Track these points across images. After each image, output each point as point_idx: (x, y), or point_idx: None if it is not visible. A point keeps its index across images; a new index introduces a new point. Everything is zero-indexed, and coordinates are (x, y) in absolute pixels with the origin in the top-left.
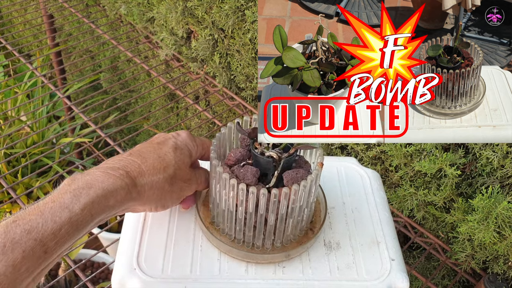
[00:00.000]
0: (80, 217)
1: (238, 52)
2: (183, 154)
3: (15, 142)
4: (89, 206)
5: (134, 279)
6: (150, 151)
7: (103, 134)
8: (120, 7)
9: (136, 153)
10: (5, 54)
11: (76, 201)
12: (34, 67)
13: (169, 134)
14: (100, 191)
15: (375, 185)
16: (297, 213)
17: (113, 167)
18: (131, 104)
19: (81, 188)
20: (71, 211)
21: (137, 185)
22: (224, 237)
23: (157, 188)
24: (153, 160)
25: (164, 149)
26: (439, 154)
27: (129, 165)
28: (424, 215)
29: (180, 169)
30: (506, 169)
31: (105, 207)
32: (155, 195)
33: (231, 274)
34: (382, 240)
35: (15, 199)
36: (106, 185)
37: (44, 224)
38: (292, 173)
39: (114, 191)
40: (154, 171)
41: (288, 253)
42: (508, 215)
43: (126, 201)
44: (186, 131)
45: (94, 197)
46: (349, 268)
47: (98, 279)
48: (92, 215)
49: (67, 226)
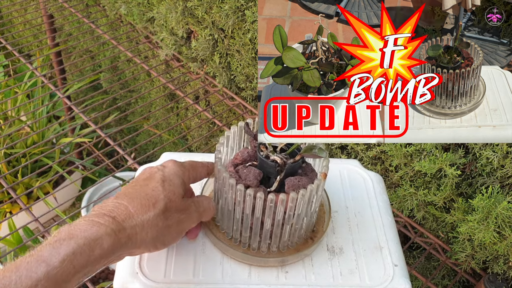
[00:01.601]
0: (59, 270)
1: (238, 52)
2: (173, 184)
3: (15, 142)
4: (70, 258)
5: (136, 283)
6: (136, 190)
7: (103, 134)
8: (120, 7)
9: (122, 195)
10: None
11: (55, 254)
12: (34, 67)
13: (155, 167)
14: (82, 241)
15: (378, 189)
16: (294, 221)
17: (98, 214)
18: (131, 104)
19: (61, 239)
20: (49, 264)
21: (126, 228)
22: (223, 235)
23: (150, 226)
24: (141, 199)
25: (151, 185)
26: (439, 154)
27: (115, 209)
28: (424, 215)
29: (172, 201)
30: (506, 169)
31: (89, 257)
32: (150, 235)
33: (233, 279)
34: (385, 245)
35: (15, 199)
36: (88, 233)
37: (18, 281)
38: (295, 180)
39: (98, 239)
40: (143, 210)
41: (283, 258)
42: (508, 215)
43: (116, 249)
44: (172, 160)
45: (75, 247)
46: (352, 273)
47: (98, 279)
48: (75, 267)
49: (43, 281)
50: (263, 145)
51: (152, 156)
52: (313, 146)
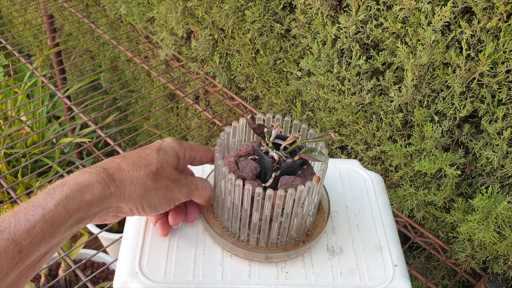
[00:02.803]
0: (54, 213)
1: (238, 52)
2: (167, 154)
3: (15, 142)
4: (64, 202)
5: (136, 284)
6: (132, 153)
7: (103, 134)
8: (120, 7)
9: (117, 156)
10: (5, 54)
11: (50, 198)
12: (34, 67)
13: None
14: (74, 186)
15: (378, 189)
16: (283, 219)
17: (91, 167)
18: (131, 104)
19: (55, 186)
20: (45, 208)
21: (115, 179)
22: (216, 222)
23: (138, 183)
24: (133, 158)
25: (147, 151)
26: (439, 154)
27: (107, 163)
28: (424, 215)
29: (164, 168)
30: (506, 169)
31: (81, 202)
32: (138, 191)
33: (233, 279)
34: (385, 245)
35: (15, 199)
36: (80, 180)
37: (17, 223)
38: (289, 179)
39: (89, 184)
40: (134, 167)
41: (267, 255)
42: (508, 215)
43: (106, 197)
44: (172, 137)
45: (68, 192)
46: (352, 273)
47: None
48: (68, 211)
49: (41, 224)
50: (264, 140)
51: None
52: (313, 149)
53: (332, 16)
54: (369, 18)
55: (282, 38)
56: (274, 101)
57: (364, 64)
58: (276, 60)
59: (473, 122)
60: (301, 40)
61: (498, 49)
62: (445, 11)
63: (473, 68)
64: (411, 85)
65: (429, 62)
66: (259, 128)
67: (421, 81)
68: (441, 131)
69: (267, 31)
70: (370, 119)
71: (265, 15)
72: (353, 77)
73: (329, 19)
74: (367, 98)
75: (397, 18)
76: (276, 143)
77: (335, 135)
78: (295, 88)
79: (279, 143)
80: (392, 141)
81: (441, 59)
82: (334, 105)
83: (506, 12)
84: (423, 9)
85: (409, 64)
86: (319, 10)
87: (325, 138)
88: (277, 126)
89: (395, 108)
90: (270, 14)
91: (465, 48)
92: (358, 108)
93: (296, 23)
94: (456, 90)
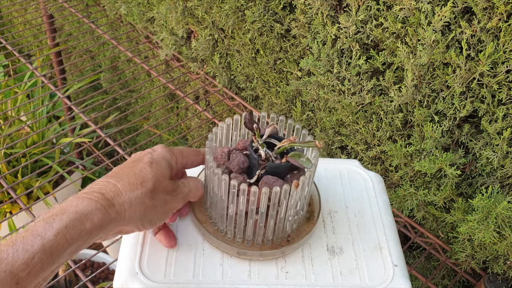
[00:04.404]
0: (54, 243)
1: (238, 52)
2: (160, 166)
3: (15, 142)
4: (63, 231)
5: (136, 283)
6: (125, 171)
7: (103, 134)
8: (120, 7)
9: (111, 175)
10: (5, 54)
11: (49, 228)
12: (34, 67)
13: (145, 151)
14: (74, 215)
15: (378, 189)
16: (259, 218)
17: (88, 192)
18: (131, 104)
19: (54, 215)
20: (44, 238)
21: (115, 204)
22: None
23: (138, 204)
24: (129, 178)
25: (139, 166)
26: (439, 154)
27: (104, 187)
28: (424, 215)
29: (159, 181)
30: (506, 169)
31: (81, 231)
32: (138, 212)
33: (234, 279)
34: (385, 245)
35: (15, 199)
36: (80, 208)
37: (15, 254)
38: (271, 179)
39: (88, 213)
40: (130, 187)
41: (239, 250)
42: (508, 215)
43: (106, 223)
44: (161, 145)
45: (67, 221)
46: (352, 273)
47: (98, 279)
48: (68, 240)
49: (40, 254)
50: (255, 137)
51: None
52: (302, 154)
53: (332, 16)
54: (369, 18)
55: (282, 38)
56: (274, 101)
57: (364, 64)
58: (276, 60)
59: (473, 122)
60: (301, 40)
61: (498, 49)
62: (445, 11)
63: (473, 68)
64: (411, 85)
65: (429, 62)
66: (250, 123)
67: (421, 81)
68: (441, 131)
69: (267, 31)
70: (370, 119)
71: (265, 15)
72: (353, 77)
73: (329, 19)
74: (367, 98)
75: (397, 18)
76: (271, 143)
77: (320, 143)
78: (295, 88)
79: (275, 143)
80: (392, 141)
81: (441, 59)
82: (334, 105)
83: (506, 12)
84: (423, 9)
85: (409, 64)
86: (319, 10)
87: (310, 145)
88: (271, 124)
89: (395, 108)
90: (270, 14)
91: (465, 48)
92: (358, 108)
93: (296, 23)
94: (456, 90)
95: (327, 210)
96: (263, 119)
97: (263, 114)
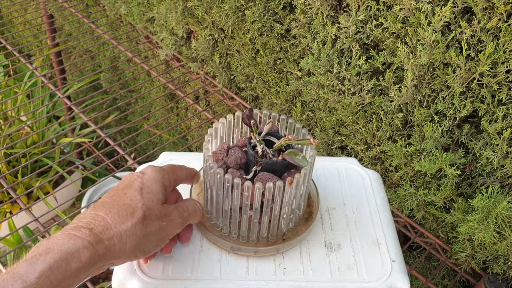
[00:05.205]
0: (36, 286)
1: (238, 52)
2: (151, 191)
3: (15, 142)
4: (47, 273)
5: (134, 280)
6: (114, 200)
7: (103, 134)
8: (120, 7)
9: (100, 206)
10: (5, 54)
11: (32, 270)
12: (34, 67)
13: (134, 174)
14: (58, 255)
15: (376, 186)
16: (253, 214)
17: (75, 227)
18: (131, 104)
19: (38, 254)
20: (25, 281)
21: (103, 240)
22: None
23: (128, 236)
24: (118, 209)
25: (129, 194)
26: (439, 154)
27: (92, 221)
28: (424, 215)
29: (151, 209)
30: (506, 169)
31: (66, 272)
32: (129, 244)
33: (232, 275)
34: (382, 241)
35: (15, 199)
36: (65, 247)
37: None
38: (267, 175)
39: (75, 252)
40: (120, 220)
41: (233, 245)
42: (508, 215)
43: (94, 261)
44: (151, 166)
45: (51, 262)
46: (350, 269)
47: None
48: (52, 282)
49: None
50: (253, 133)
51: (152, 156)
52: (298, 152)
53: (332, 16)
54: (369, 18)
55: (282, 38)
56: (274, 101)
57: (364, 64)
58: (276, 60)
59: (473, 122)
60: (301, 40)
61: (498, 49)
62: (445, 11)
63: (473, 68)
64: (411, 85)
65: (429, 62)
66: (248, 119)
67: (421, 81)
68: (441, 131)
69: (267, 31)
70: (370, 119)
71: (265, 15)
72: (353, 77)
73: (329, 19)
74: (367, 98)
75: (397, 18)
76: (271, 140)
77: (314, 141)
78: (295, 88)
79: (274, 141)
80: (392, 141)
81: (441, 59)
82: (334, 105)
83: (506, 12)
84: (423, 9)
85: (409, 64)
86: (319, 10)
87: (304, 142)
88: (269, 122)
89: (395, 108)
90: (270, 14)
91: (465, 48)
92: (358, 108)
93: (296, 23)
94: (456, 90)
95: (325, 207)
96: (265, 117)
97: (265, 112)
